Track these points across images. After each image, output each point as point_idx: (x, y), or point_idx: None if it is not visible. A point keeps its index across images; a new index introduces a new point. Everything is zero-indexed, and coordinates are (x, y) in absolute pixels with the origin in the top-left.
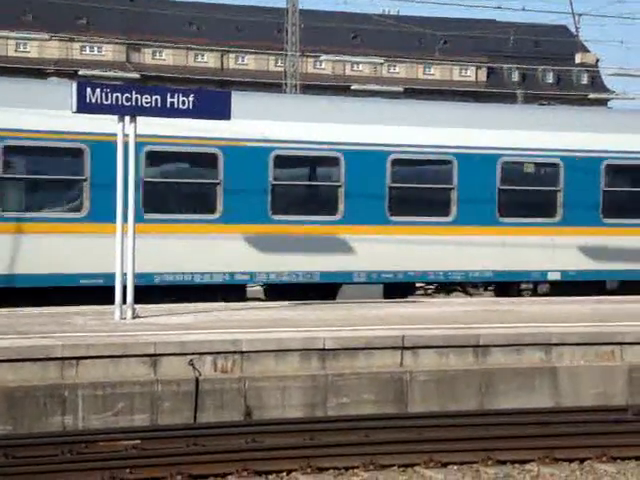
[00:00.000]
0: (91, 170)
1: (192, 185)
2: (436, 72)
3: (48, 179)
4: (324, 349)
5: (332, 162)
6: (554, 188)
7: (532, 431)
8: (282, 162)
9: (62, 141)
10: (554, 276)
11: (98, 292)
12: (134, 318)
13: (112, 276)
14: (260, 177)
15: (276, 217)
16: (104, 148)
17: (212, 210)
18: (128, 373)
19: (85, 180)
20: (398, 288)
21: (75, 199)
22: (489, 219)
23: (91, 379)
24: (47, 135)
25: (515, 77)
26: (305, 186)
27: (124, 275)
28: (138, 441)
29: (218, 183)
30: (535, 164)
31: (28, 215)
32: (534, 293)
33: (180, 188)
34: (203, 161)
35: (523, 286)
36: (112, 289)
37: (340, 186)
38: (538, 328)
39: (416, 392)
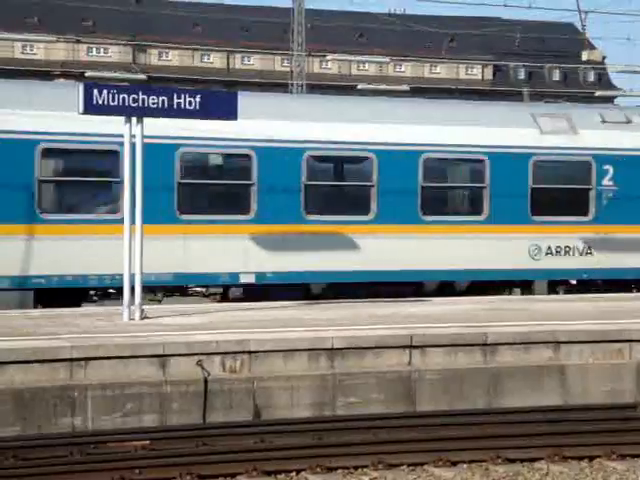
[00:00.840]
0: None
1: None
2: (442, 70)
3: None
4: (332, 349)
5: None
6: (247, 182)
7: (541, 429)
8: None
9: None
10: (247, 279)
11: None
12: (142, 319)
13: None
14: None
15: None
16: None
17: None
18: (137, 374)
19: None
20: (63, 295)
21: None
22: (166, 217)
23: (100, 380)
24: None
25: (521, 75)
26: None
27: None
28: (147, 442)
29: None
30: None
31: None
32: (224, 298)
33: None
34: None
35: (211, 290)
36: None
37: None
38: (546, 326)
39: (424, 391)
